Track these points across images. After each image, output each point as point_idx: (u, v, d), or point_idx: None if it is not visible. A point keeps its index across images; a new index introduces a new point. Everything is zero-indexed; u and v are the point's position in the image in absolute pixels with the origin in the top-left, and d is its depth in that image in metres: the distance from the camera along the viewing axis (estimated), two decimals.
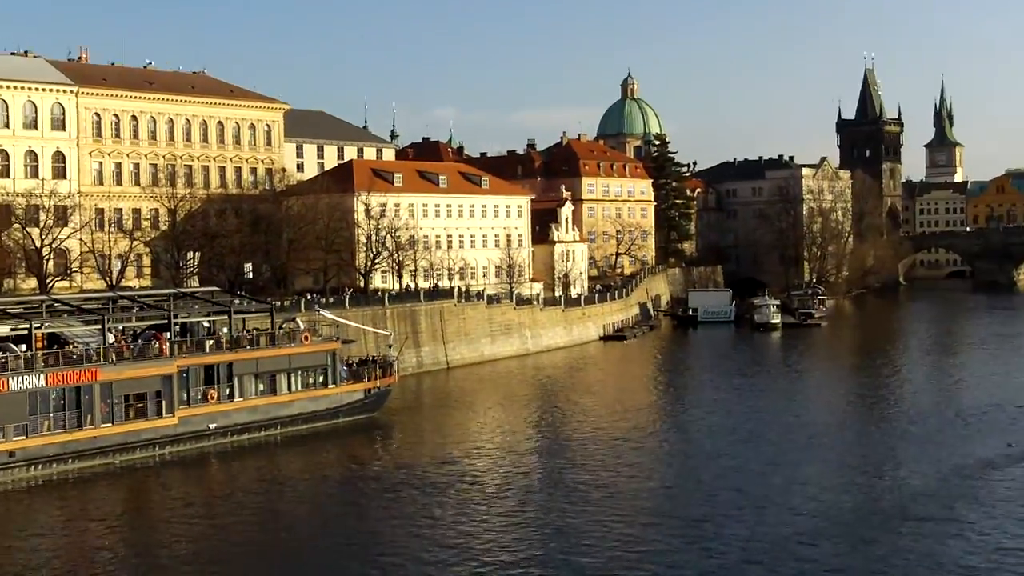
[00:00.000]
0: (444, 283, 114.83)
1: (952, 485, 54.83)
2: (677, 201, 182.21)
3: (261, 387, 70.74)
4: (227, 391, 68.52)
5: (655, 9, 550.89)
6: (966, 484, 54.93)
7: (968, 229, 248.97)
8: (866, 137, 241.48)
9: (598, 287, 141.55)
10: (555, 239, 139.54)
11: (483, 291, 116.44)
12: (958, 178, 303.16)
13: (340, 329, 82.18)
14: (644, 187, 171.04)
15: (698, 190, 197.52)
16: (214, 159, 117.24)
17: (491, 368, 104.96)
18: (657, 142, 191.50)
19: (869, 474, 58.55)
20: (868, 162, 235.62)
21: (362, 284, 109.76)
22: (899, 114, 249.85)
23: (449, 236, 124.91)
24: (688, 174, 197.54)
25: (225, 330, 72.35)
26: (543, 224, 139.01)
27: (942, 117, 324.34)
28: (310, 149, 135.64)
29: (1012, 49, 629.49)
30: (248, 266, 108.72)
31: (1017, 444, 62.95)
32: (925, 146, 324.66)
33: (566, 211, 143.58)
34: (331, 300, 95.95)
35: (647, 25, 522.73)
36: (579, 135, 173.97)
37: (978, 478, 56.10)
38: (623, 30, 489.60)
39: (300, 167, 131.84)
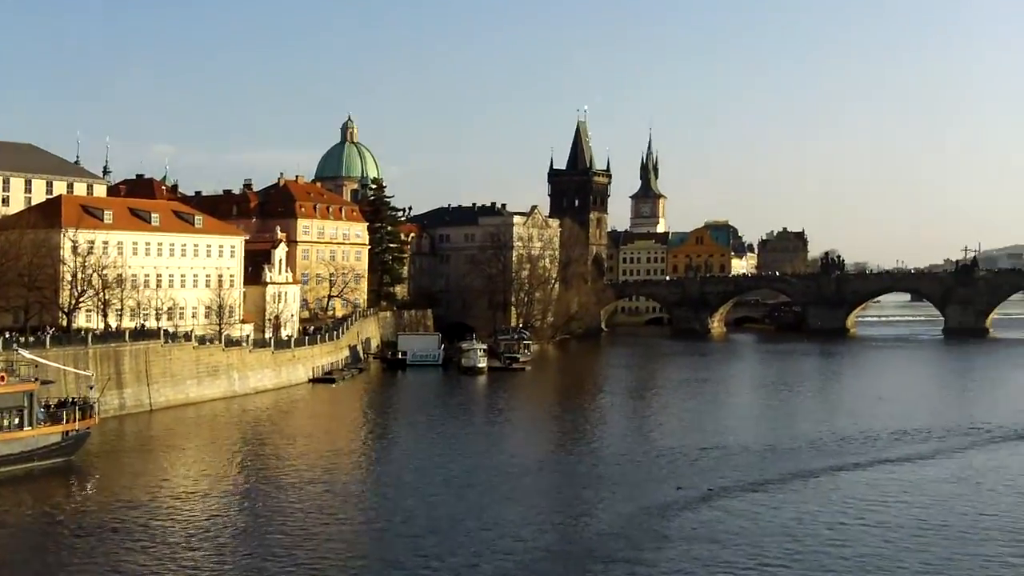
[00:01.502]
0: (152, 323, 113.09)
1: (637, 525, 57.97)
2: (391, 245, 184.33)
3: None
4: None
5: (375, 55, 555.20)
6: (649, 524, 58.16)
7: (668, 278, 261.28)
8: (576, 187, 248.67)
9: (310, 329, 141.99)
10: (267, 280, 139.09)
11: (192, 332, 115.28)
12: (660, 229, 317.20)
13: (39, 369, 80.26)
14: (360, 230, 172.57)
15: (412, 235, 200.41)
16: None
17: (196, 410, 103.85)
18: (374, 186, 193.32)
19: (565, 515, 61.49)
20: (577, 211, 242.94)
21: (65, 323, 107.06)
22: (608, 166, 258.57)
23: (159, 275, 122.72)
24: (403, 219, 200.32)
25: None
26: (256, 265, 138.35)
27: (648, 169, 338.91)
28: (17, 183, 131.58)
29: (715, 107, 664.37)
30: None
31: (688, 487, 66.98)
32: (631, 197, 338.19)
33: (280, 252, 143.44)
34: (31, 339, 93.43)
35: (368, 70, 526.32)
36: (296, 176, 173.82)
37: (660, 518, 59.48)
38: (344, 74, 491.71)
39: (5, 201, 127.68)
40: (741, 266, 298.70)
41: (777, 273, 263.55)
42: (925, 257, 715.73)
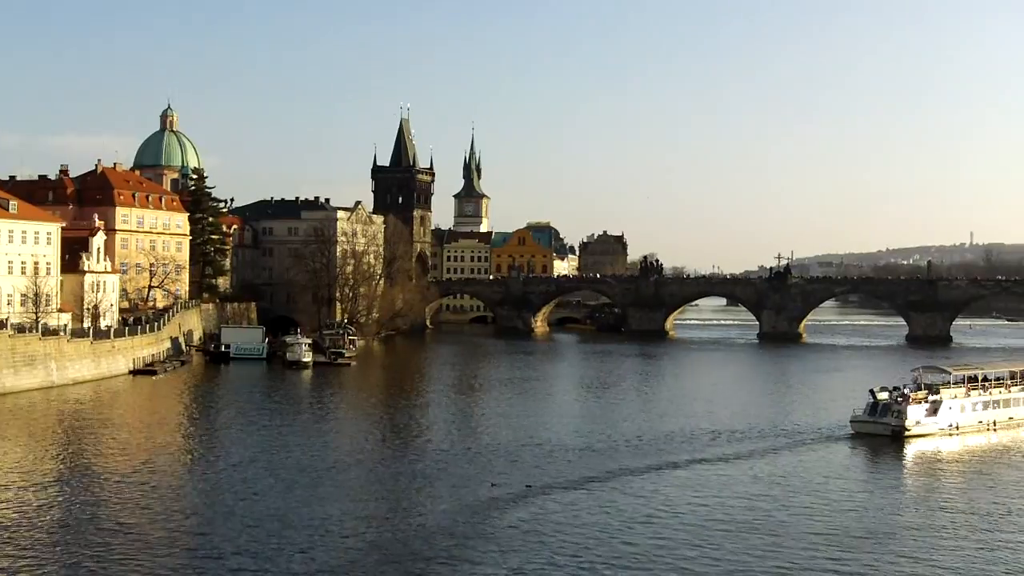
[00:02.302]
0: None
1: (457, 521, 58.79)
2: (213, 236, 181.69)
3: None
4: None
5: (197, 43, 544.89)
6: (469, 520, 59.01)
7: (491, 277, 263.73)
8: (399, 184, 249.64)
9: (130, 320, 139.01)
10: (86, 269, 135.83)
11: (7, 320, 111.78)
12: (484, 228, 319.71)
13: None
14: (180, 220, 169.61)
15: (235, 226, 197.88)
16: None
17: (12, 401, 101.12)
18: (195, 176, 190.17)
19: (389, 510, 61.88)
20: (400, 208, 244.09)
21: None
22: (431, 164, 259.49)
23: None
24: (225, 210, 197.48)
25: None
26: (74, 253, 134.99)
27: (471, 169, 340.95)
28: None
29: (537, 110, 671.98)
30: None
31: (506, 484, 68.10)
32: (454, 196, 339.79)
33: (98, 241, 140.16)
34: None
35: (190, 58, 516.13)
36: (115, 164, 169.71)
37: (478, 514, 60.40)
38: (165, 61, 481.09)
39: None
40: (563, 267, 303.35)
41: (598, 275, 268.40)
42: (741, 263, 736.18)
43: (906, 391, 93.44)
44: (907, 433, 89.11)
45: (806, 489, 69.45)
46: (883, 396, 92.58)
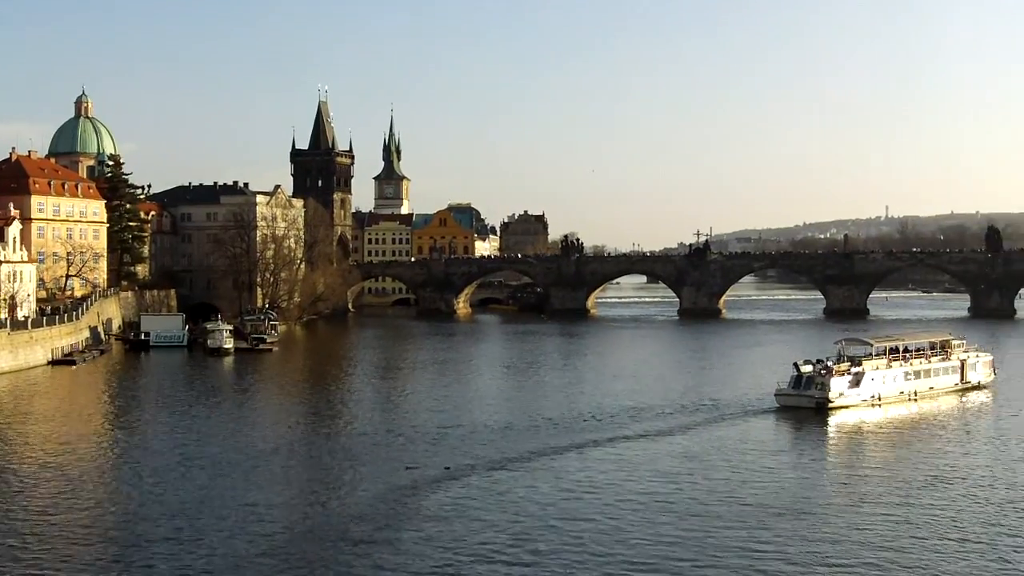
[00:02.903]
0: None
1: (378, 505, 58.99)
2: (131, 223, 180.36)
3: None
4: None
5: (111, 27, 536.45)
6: (389, 504, 59.22)
7: (413, 259, 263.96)
8: (318, 167, 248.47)
9: (48, 309, 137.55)
10: (1, 259, 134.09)
11: None
12: (404, 210, 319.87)
13: None
14: (97, 208, 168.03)
15: (152, 213, 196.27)
16: None
17: None
18: (111, 163, 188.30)
19: (312, 495, 62.04)
20: (320, 192, 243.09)
21: None
22: (350, 146, 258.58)
23: None
24: (143, 196, 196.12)
25: None
26: None
27: (391, 151, 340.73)
28: None
29: (454, 89, 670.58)
30: None
31: (417, 465, 68.49)
32: (374, 178, 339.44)
33: (14, 230, 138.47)
34: None
35: (104, 43, 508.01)
36: (29, 152, 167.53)
37: (398, 497, 60.64)
38: (78, 47, 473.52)
39: None
40: (484, 248, 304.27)
41: (519, 255, 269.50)
42: (661, 240, 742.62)
43: (829, 363, 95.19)
44: (831, 405, 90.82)
45: (728, 465, 70.24)
46: (807, 369, 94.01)
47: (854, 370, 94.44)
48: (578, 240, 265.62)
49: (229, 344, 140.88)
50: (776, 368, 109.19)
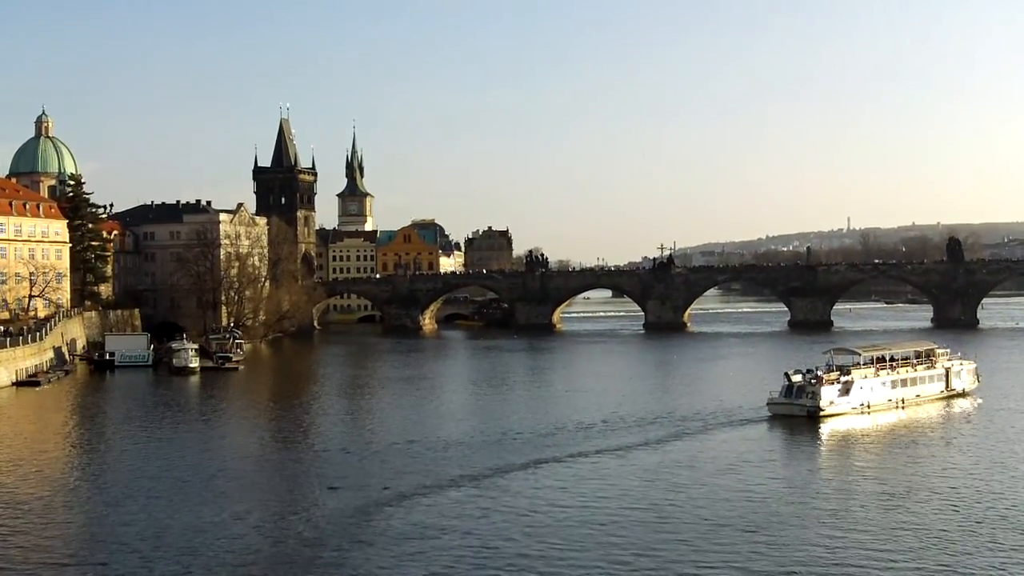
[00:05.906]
0: None
1: (346, 524, 58.57)
2: (93, 243, 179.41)
3: None
4: None
5: (73, 47, 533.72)
6: (356, 523, 58.84)
7: (378, 276, 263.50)
8: (281, 185, 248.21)
9: (10, 330, 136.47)
10: None
11: None
12: (368, 227, 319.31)
13: None
14: (59, 228, 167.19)
15: (115, 232, 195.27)
16: None
17: None
18: (72, 182, 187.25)
19: (279, 515, 61.68)
20: (284, 209, 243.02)
21: None
22: (313, 163, 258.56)
23: None
24: (105, 216, 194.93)
25: None
26: None
27: (354, 168, 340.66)
28: None
29: (416, 106, 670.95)
30: None
31: (394, 485, 67.90)
32: (338, 195, 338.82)
33: None
34: None
35: (64, 63, 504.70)
36: None
37: (366, 517, 60.27)
38: (38, 66, 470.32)
39: None
40: (449, 264, 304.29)
41: (484, 271, 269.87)
42: (625, 255, 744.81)
43: (819, 373, 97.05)
44: (822, 413, 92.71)
45: (724, 473, 71.20)
46: (797, 378, 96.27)
47: (843, 379, 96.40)
48: (543, 255, 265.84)
49: (194, 363, 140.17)
50: (766, 380, 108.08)
